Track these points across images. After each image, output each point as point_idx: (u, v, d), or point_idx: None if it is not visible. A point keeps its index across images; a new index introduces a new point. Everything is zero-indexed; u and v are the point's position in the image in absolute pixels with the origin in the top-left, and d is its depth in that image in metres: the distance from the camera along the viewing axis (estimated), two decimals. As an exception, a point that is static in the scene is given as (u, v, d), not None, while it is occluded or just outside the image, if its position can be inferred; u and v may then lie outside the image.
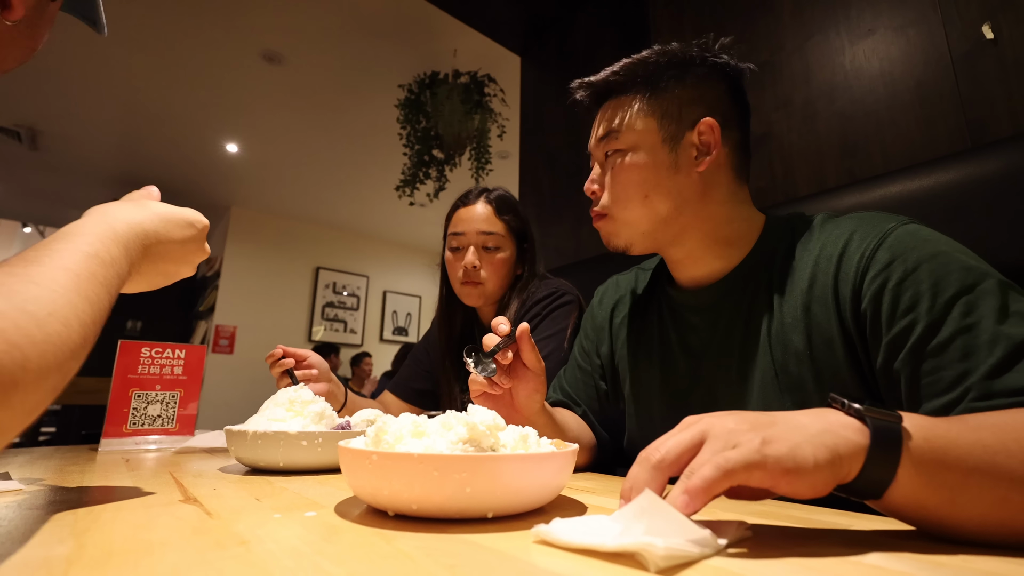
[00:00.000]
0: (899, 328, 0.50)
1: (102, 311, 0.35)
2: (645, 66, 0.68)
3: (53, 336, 0.28)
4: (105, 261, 0.38)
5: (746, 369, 0.63)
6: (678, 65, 0.68)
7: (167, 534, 0.33)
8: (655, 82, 0.67)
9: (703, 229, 0.67)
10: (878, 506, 0.35)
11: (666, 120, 0.66)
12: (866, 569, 0.27)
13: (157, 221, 0.47)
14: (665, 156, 0.66)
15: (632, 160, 0.67)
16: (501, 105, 2.82)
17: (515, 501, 0.38)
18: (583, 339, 0.89)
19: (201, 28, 2.69)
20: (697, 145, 0.66)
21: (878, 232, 0.55)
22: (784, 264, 0.63)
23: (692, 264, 0.70)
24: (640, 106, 0.67)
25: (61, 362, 0.29)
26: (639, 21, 1.89)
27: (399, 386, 1.28)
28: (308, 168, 4.30)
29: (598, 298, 0.89)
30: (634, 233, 0.68)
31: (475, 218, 1.12)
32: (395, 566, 0.27)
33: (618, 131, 0.68)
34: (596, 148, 0.72)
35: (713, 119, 0.65)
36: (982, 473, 0.33)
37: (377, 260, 5.84)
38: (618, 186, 0.68)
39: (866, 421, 0.33)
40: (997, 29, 1.07)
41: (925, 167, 0.81)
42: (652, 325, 0.77)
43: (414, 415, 0.45)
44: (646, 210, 0.67)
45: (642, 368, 0.76)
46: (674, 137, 0.66)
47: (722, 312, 0.67)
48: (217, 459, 0.77)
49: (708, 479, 0.31)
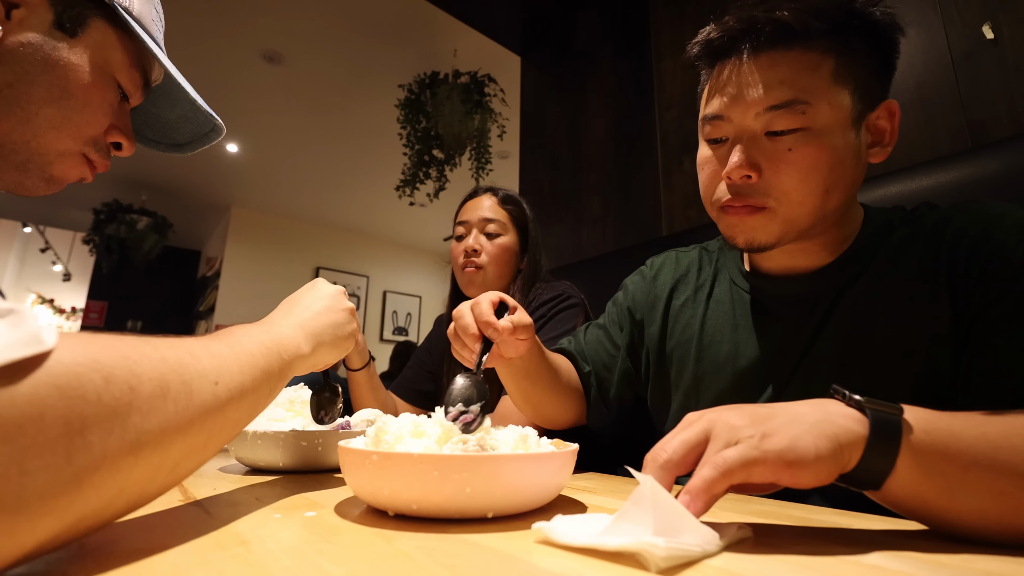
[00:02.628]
0: (991, 300, 0.47)
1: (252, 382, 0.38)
2: (834, 7, 0.51)
3: (174, 358, 0.31)
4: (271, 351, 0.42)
5: (829, 364, 0.57)
6: (861, 15, 0.52)
7: (167, 534, 0.33)
8: (846, 35, 0.51)
9: (837, 224, 0.58)
10: (877, 497, 0.35)
11: (859, 93, 0.52)
12: (866, 569, 0.27)
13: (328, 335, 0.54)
14: (852, 141, 0.53)
15: (824, 144, 0.51)
16: (501, 105, 2.82)
17: (515, 501, 0.38)
18: (622, 307, 0.79)
19: (201, 28, 2.69)
20: (873, 131, 0.55)
21: (986, 221, 0.51)
22: (884, 257, 0.57)
23: (802, 256, 0.60)
24: (835, 69, 0.51)
25: (190, 384, 0.31)
26: (639, 21, 1.89)
27: (403, 388, 1.28)
28: (308, 168, 4.30)
29: (653, 271, 0.78)
30: (791, 231, 0.54)
31: (479, 207, 1.16)
32: (395, 566, 0.27)
33: (808, 101, 0.51)
34: (748, 115, 0.53)
35: (895, 101, 0.54)
36: (983, 467, 0.33)
37: (377, 260, 5.84)
38: (797, 176, 0.52)
39: (865, 411, 0.34)
40: (997, 29, 1.07)
41: (925, 167, 0.81)
42: (724, 310, 0.67)
43: (414, 415, 0.45)
44: (821, 206, 0.53)
45: (708, 356, 0.67)
46: (861, 116, 0.53)
47: (815, 305, 0.59)
48: (217, 459, 0.77)
49: (708, 480, 0.31)
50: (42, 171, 0.50)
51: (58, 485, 0.23)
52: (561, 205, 2.12)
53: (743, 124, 0.54)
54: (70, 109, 0.48)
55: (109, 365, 0.26)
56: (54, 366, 0.23)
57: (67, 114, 0.48)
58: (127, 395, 0.26)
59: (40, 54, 0.45)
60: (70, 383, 0.23)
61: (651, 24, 1.82)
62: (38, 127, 0.47)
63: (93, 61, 0.48)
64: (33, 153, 0.48)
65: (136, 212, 4.54)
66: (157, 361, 0.29)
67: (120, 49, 0.50)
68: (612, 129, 1.94)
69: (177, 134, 0.63)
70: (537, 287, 1.12)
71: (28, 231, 5.60)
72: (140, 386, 0.27)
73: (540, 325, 1.05)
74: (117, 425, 0.25)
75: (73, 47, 0.47)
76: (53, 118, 0.47)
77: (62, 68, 0.46)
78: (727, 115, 0.55)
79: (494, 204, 1.16)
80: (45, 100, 0.46)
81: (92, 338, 0.26)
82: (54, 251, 5.44)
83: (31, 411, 0.22)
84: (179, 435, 0.29)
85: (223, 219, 5.10)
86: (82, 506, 0.25)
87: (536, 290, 1.11)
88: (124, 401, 0.26)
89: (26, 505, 0.22)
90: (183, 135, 0.63)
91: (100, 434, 0.24)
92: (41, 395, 0.22)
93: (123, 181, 4.47)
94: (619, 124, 1.91)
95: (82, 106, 0.49)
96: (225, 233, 4.97)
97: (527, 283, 1.13)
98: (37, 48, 0.45)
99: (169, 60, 0.55)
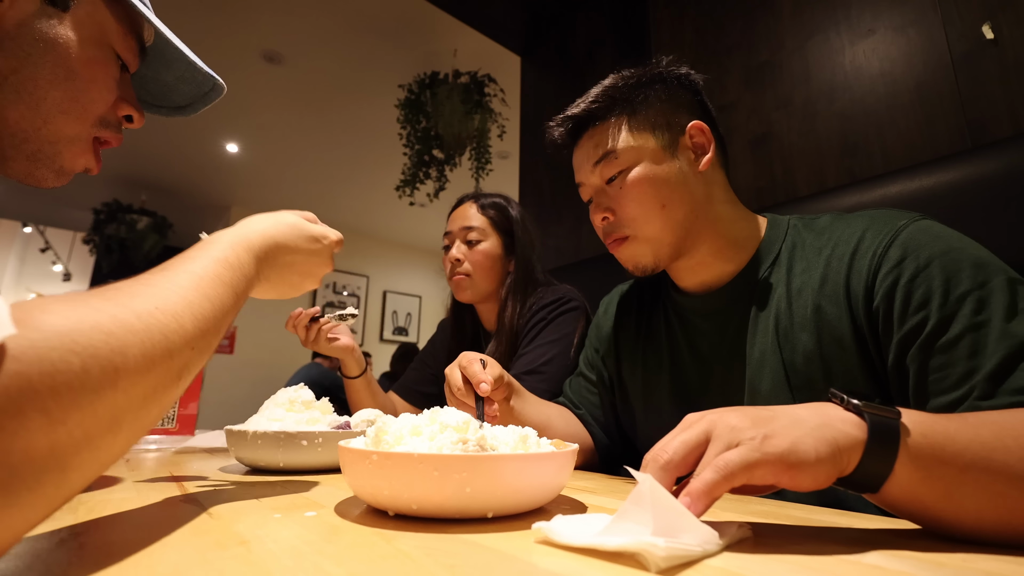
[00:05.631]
0: (911, 325, 0.50)
1: (224, 308, 0.38)
2: (618, 89, 0.69)
3: (156, 326, 0.30)
4: (232, 265, 0.41)
5: (756, 370, 0.63)
6: (648, 82, 0.69)
7: (167, 534, 0.33)
8: (633, 100, 0.68)
9: (714, 231, 0.68)
10: (876, 500, 0.35)
11: (658, 130, 0.68)
12: (866, 569, 0.27)
13: (288, 233, 0.50)
14: (669, 163, 0.67)
15: (640, 173, 0.67)
16: (501, 105, 2.82)
17: (515, 501, 0.38)
18: (589, 350, 0.89)
19: (201, 28, 2.69)
20: (692, 148, 0.68)
21: (890, 229, 0.55)
22: (792, 264, 0.64)
23: (703, 270, 0.70)
24: (629, 124, 0.68)
25: (171, 350, 0.31)
26: (639, 21, 1.90)
27: (405, 389, 1.29)
28: (308, 168, 4.30)
29: (603, 309, 0.90)
30: (661, 247, 0.68)
31: (461, 216, 1.19)
32: (395, 566, 0.27)
33: (615, 151, 0.68)
34: (591, 176, 0.71)
35: (700, 121, 0.68)
36: (979, 469, 0.33)
37: (377, 260, 5.84)
38: (633, 203, 0.67)
39: (864, 416, 0.34)
40: (997, 29, 1.07)
41: (925, 167, 0.81)
42: (659, 332, 0.77)
43: (414, 415, 0.45)
44: (666, 220, 0.66)
45: (651, 375, 0.76)
46: (671, 144, 0.68)
47: (731, 315, 0.68)
48: (217, 459, 0.77)
49: (709, 482, 0.31)
50: (52, 161, 0.49)
51: (45, 467, 0.23)
52: (561, 205, 2.12)
53: (590, 183, 0.72)
54: (76, 89, 0.47)
55: (86, 346, 0.25)
56: (27, 350, 0.22)
57: (74, 95, 0.47)
58: (111, 376, 0.26)
59: (38, 34, 0.44)
60: (45, 369, 0.23)
61: (651, 24, 1.82)
62: (48, 112, 0.46)
63: (90, 34, 0.47)
64: (44, 142, 0.48)
65: (136, 212, 4.54)
66: (141, 333, 0.28)
67: (111, 17, 0.49)
68: (612, 129, 1.94)
69: (177, 96, 0.61)
70: (538, 291, 1.12)
71: (28, 231, 5.60)
72: (125, 364, 0.27)
73: (539, 329, 1.05)
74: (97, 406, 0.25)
75: (68, 23, 0.46)
76: (61, 101, 0.46)
77: (62, 46, 0.45)
78: (581, 181, 0.73)
79: (474, 211, 1.18)
80: (51, 83, 0.45)
81: (71, 310, 0.26)
82: (54, 251, 5.44)
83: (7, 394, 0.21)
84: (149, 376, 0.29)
85: (223, 219, 5.10)
86: (69, 485, 0.25)
87: (536, 294, 1.11)
88: (108, 381, 0.26)
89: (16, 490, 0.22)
90: (183, 96, 0.62)
91: (79, 415, 0.24)
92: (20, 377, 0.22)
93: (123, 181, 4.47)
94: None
95: (88, 84, 0.48)
96: (225, 233, 4.97)
97: (519, 285, 1.13)
98: (34, 28, 0.43)
99: (159, 19, 0.53)
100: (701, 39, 1.66)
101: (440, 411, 0.45)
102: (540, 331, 1.05)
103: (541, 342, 1.03)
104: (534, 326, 1.06)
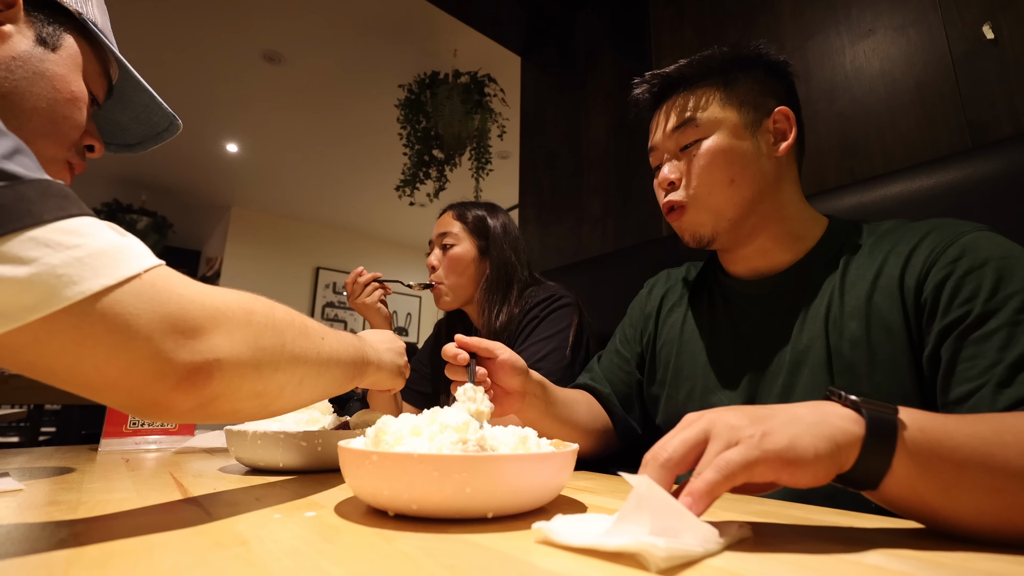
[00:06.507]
0: (953, 316, 0.51)
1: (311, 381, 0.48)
2: (715, 60, 0.70)
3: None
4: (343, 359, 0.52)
5: (799, 354, 0.63)
6: (745, 61, 0.70)
7: (167, 534, 0.33)
8: (728, 73, 0.69)
9: (779, 218, 0.68)
10: (875, 497, 0.35)
11: (745, 108, 0.68)
12: (866, 569, 0.27)
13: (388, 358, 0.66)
14: (748, 141, 0.67)
15: (716, 144, 0.67)
16: (501, 105, 2.82)
17: (515, 501, 0.38)
18: (627, 326, 0.89)
19: (201, 28, 2.69)
20: (773, 132, 0.68)
21: (953, 233, 0.56)
22: (849, 261, 0.64)
23: (760, 257, 0.70)
24: (718, 95, 0.68)
25: None
26: (639, 21, 1.89)
27: (405, 390, 1.29)
28: (308, 168, 4.30)
29: (648, 288, 0.91)
30: (720, 221, 0.68)
31: (439, 225, 1.23)
32: (395, 566, 0.27)
33: (696, 119, 0.68)
34: (667, 140, 0.71)
35: (787, 107, 0.69)
36: (977, 464, 0.33)
37: (377, 260, 5.83)
38: (702, 172, 0.67)
39: (861, 412, 0.34)
40: (997, 29, 1.07)
41: (925, 167, 0.81)
42: (703, 312, 0.77)
43: (414, 415, 0.45)
44: (732, 194, 0.66)
45: (687, 351, 0.76)
46: (754, 123, 0.68)
47: (780, 303, 0.68)
48: (217, 459, 0.77)
49: (710, 481, 0.31)
50: None
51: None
52: (561, 205, 2.12)
53: (663, 147, 0.72)
54: (58, 116, 0.52)
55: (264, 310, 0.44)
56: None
57: (55, 121, 0.52)
58: (286, 319, 0.44)
59: (30, 66, 0.49)
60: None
61: (651, 24, 1.82)
62: (30, 135, 0.50)
63: (71, 69, 0.53)
64: None
65: (136, 212, 4.54)
66: (293, 314, 0.45)
67: (91, 58, 0.55)
68: (612, 129, 1.94)
69: (127, 135, 0.67)
70: (529, 291, 1.13)
71: (28, 231, 5.60)
72: (291, 319, 0.44)
73: (534, 327, 1.05)
74: (280, 339, 0.42)
75: (55, 60, 0.51)
76: (43, 126, 0.51)
77: (48, 79, 0.50)
78: (655, 145, 0.73)
79: (449, 219, 1.22)
80: (36, 109, 0.50)
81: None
82: (54, 251, 5.43)
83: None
84: (302, 364, 0.44)
85: (223, 219, 5.10)
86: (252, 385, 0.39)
87: (528, 294, 1.12)
88: (286, 322, 0.44)
89: None
90: (134, 136, 0.67)
91: (273, 338, 0.42)
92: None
93: (123, 181, 4.47)
94: (619, 124, 1.91)
95: (67, 114, 0.53)
96: (225, 233, 4.97)
97: (495, 285, 1.13)
98: (27, 61, 0.49)
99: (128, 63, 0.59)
100: (701, 39, 1.66)
101: (440, 411, 0.45)
102: (534, 328, 1.05)
103: (536, 339, 1.03)
104: (528, 324, 1.06)
